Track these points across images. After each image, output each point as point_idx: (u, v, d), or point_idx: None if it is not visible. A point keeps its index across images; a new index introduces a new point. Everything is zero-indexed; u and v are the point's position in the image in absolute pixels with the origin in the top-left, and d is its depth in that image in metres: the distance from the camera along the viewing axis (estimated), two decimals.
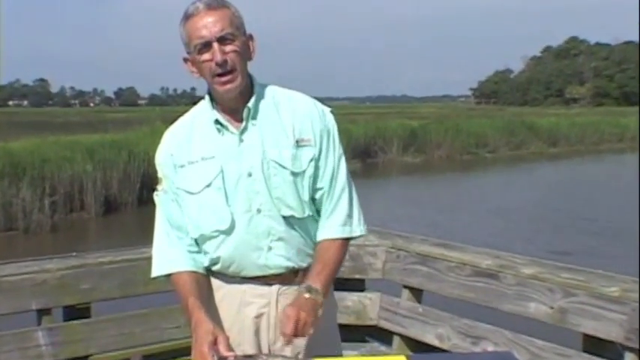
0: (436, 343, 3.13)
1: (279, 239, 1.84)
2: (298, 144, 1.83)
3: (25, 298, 2.88)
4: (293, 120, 1.85)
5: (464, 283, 3.05)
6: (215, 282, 1.91)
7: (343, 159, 1.92)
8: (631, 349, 2.51)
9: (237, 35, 1.79)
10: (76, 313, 3.02)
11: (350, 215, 1.90)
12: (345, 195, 1.89)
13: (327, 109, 1.93)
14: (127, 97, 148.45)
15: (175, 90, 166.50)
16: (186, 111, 1.96)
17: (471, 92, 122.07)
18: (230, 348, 1.65)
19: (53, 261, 3.02)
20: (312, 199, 1.87)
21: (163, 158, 1.89)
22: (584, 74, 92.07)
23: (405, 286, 3.33)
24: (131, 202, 14.75)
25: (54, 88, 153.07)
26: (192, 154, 1.84)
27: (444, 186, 19.51)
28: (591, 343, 2.66)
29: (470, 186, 19.42)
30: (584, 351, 2.68)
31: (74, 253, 3.17)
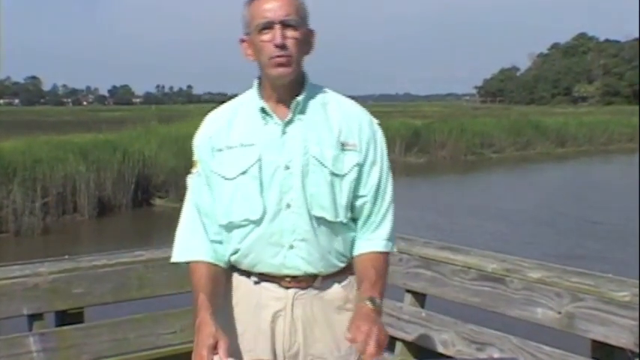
0: (440, 349, 3.09)
1: (303, 240, 1.79)
2: (343, 147, 1.81)
3: (15, 302, 2.82)
4: (340, 123, 1.83)
5: (469, 287, 3.00)
6: (235, 280, 1.88)
7: (390, 173, 1.90)
8: None
9: (301, 25, 1.78)
10: (68, 318, 2.97)
11: (393, 230, 1.90)
12: (392, 209, 1.89)
13: (376, 120, 1.91)
14: (121, 96, 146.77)
15: (172, 88, 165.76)
16: (182, 109, 1.92)
17: (476, 90, 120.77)
18: (229, 354, 1.61)
19: (45, 264, 2.97)
20: (351, 206, 1.84)
21: (201, 140, 1.87)
22: (592, 72, 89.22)
23: (408, 291, 3.29)
24: (125, 203, 14.53)
25: (46, 86, 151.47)
26: (231, 139, 1.82)
27: (447, 187, 19.40)
28: (600, 350, 2.61)
29: (474, 187, 19.29)
30: (593, 358, 2.64)
31: (67, 257, 3.12)
